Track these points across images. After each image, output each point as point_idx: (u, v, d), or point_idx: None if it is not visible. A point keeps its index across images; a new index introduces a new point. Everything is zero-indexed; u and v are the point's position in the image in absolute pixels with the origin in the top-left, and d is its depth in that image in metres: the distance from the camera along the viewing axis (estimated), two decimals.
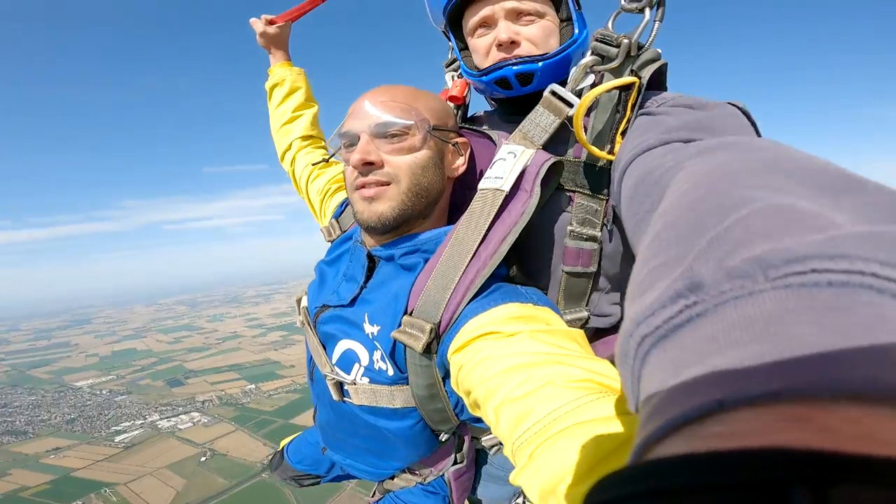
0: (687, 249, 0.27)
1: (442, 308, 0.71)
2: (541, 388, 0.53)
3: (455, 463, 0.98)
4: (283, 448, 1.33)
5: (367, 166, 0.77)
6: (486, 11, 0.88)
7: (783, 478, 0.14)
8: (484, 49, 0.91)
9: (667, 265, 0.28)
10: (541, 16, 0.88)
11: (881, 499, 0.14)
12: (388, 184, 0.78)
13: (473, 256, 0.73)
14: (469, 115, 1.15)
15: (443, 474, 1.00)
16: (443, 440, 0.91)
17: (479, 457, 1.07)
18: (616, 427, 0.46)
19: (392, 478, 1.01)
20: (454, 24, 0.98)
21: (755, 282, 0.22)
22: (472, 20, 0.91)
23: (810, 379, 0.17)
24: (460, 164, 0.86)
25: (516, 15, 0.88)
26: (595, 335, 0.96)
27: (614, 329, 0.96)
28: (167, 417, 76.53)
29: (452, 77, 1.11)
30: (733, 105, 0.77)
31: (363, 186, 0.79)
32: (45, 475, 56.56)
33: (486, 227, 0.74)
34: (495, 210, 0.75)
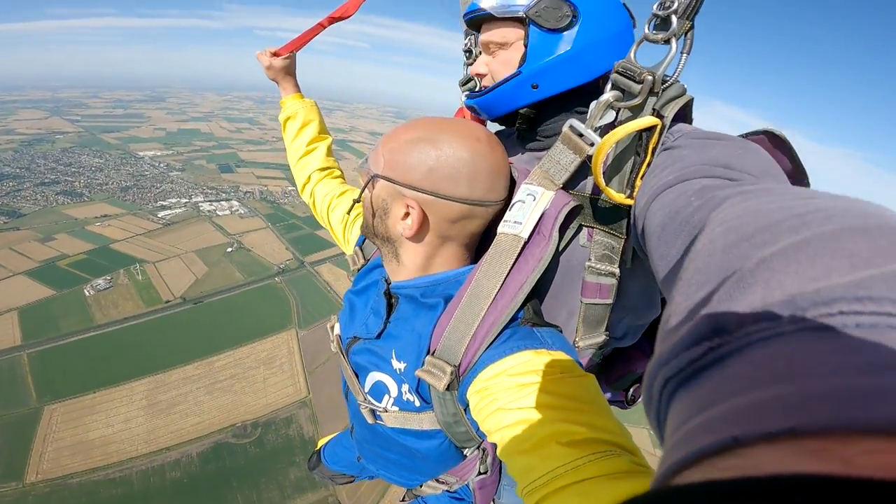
0: (712, 292, 0.27)
1: (461, 352, 0.75)
2: (545, 444, 0.59)
3: (479, 473, 1.04)
4: (319, 449, 1.47)
5: None
6: (480, 39, 0.97)
7: (809, 502, 0.14)
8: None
9: (694, 308, 0.28)
10: (504, 45, 0.91)
11: None
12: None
13: (492, 303, 0.75)
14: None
15: (468, 483, 1.07)
16: (467, 454, 0.97)
17: (503, 464, 1.11)
18: (610, 486, 0.51)
19: (421, 485, 1.10)
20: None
21: (781, 324, 0.22)
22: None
23: (830, 415, 0.17)
24: (406, 227, 0.79)
25: (488, 47, 0.93)
26: (613, 353, 1.02)
27: (633, 347, 1.01)
28: (210, 201, 78.60)
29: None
30: (768, 132, 0.77)
31: None
32: (86, 244, 60.08)
33: (504, 274, 0.76)
34: (514, 257, 0.76)
